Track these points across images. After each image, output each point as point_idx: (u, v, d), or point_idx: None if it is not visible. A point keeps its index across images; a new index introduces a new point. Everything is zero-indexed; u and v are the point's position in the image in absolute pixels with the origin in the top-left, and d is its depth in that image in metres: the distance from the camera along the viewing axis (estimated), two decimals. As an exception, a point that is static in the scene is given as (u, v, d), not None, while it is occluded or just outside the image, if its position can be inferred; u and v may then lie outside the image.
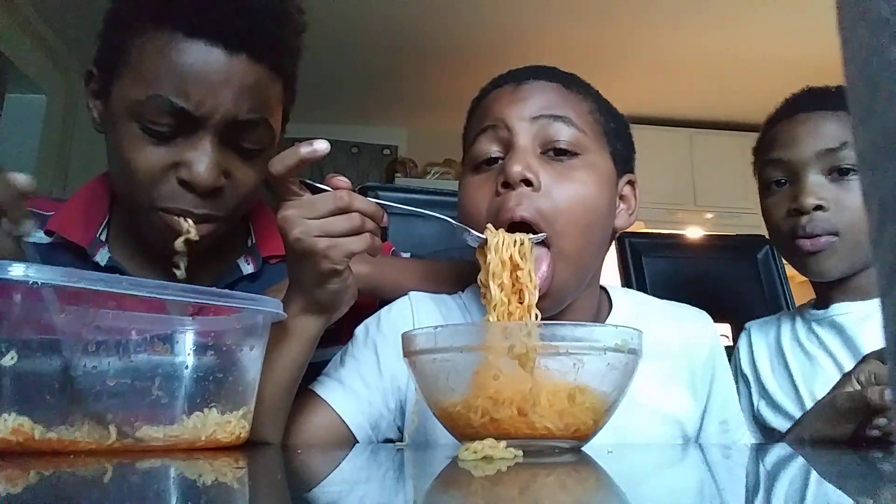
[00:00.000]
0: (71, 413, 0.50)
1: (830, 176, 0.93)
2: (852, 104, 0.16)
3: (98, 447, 0.51)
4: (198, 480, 0.43)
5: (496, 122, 0.74)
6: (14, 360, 0.48)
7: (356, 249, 0.63)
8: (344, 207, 0.62)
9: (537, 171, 0.70)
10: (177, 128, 0.72)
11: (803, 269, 0.98)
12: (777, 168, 0.98)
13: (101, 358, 0.53)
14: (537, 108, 0.73)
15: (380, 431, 0.76)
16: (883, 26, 0.14)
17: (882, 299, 0.15)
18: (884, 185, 0.15)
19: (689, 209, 4.08)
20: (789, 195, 0.96)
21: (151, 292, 0.52)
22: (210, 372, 0.58)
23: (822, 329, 0.99)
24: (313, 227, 0.62)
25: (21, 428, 0.47)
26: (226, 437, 0.58)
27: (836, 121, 0.94)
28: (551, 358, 0.54)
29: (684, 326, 0.82)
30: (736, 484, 0.46)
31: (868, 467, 0.54)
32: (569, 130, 0.72)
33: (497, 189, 0.71)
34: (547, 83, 0.76)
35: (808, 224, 0.93)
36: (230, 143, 0.74)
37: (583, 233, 0.71)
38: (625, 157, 0.80)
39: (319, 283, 0.65)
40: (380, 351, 0.76)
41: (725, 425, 0.82)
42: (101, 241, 0.82)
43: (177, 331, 0.57)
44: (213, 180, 0.72)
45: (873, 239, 0.16)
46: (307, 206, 0.62)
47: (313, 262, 0.63)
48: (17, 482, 0.38)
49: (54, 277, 0.48)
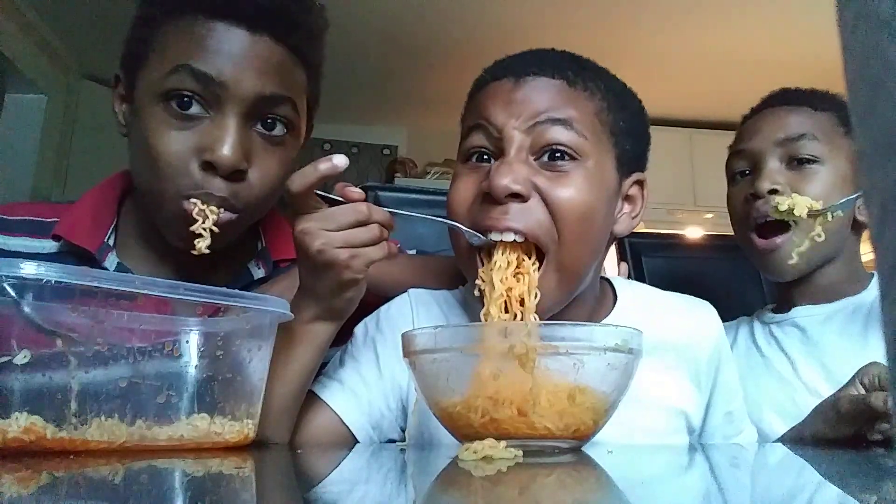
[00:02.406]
0: (82, 413, 0.51)
1: (789, 165, 0.96)
2: (852, 104, 0.16)
3: (109, 447, 0.52)
4: (200, 480, 0.43)
5: (488, 123, 0.70)
6: (27, 359, 0.49)
7: (376, 258, 0.64)
8: (364, 220, 0.63)
9: (526, 181, 0.67)
10: (201, 102, 0.71)
11: (761, 267, 1.00)
12: (741, 158, 1.01)
13: (111, 358, 0.53)
14: (535, 112, 0.68)
15: (382, 432, 0.76)
16: (883, 26, 0.14)
17: (882, 299, 0.15)
18: (884, 185, 0.15)
19: (688, 209, 4.08)
20: (749, 183, 0.98)
21: (163, 291, 0.53)
22: (218, 372, 0.59)
23: (781, 332, 1.00)
24: (336, 239, 0.62)
25: (34, 427, 0.48)
26: (233, 436, 0.59)
27: (798, 114, 0.97)
28: (551, 358, 0.54)
29: (689, 318, 0.81)
30: (736, 483, 0.46)
31: (871, 467, 0.54)
32: (568, 135, 0.68)
33: (481, 193, 0.69)
34: (549, 80, 0.70)
35: (762, 206, 0.94)
36: (254, 127, 0.74)
37: (576, 243, 0.68)
38: (635, 156, 0.75)
39: (338, 293, 0.65)
40: (379, 350, 0.76)
41: (730, 417, 0.81)
42: (109, 245, 0.81)
43: (184, 331, 0.58)
44: (236, 160, 0.71)
45: (873, 239, 0.16)
46: (328, 218, 0.63)
47: (335, 273, 0.63)
48: (30, 483, 0.38)
49: (66, 275, 0.48)
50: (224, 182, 0.72)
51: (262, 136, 0.75)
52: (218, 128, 0.72)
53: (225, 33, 0.71)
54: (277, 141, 0.76)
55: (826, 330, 0.95)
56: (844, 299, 0.97)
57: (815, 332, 0.96)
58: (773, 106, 1.01)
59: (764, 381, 0.96)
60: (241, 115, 0.73)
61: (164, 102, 0.71)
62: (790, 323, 0.99)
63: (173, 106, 0.71)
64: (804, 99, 0.99)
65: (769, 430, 0.90)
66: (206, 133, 0.72)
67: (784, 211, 0.90)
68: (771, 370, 0.97)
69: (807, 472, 0.53)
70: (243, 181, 0.74)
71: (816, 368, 0.94)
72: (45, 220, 0.81)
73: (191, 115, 0.72)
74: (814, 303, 0.98)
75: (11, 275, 0.47)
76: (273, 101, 0.74)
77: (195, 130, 0.72)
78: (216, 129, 0.71)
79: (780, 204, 0.90)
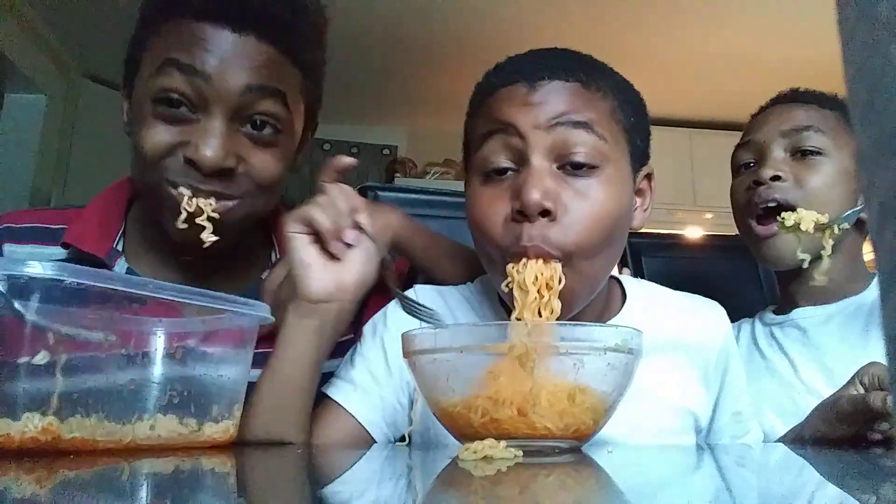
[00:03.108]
0: (91, 413, 0.52)
1: (793, 156, 0.96)
2: (852, 104, 0.16)
3: (116, 446, 0.53)
4: (197, 480, 0.43)
5: (507, 127, 0.68)
6: (45, 359, 0.49)
7: (325, 229, 0.69)
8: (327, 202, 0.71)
9: (555, 196, 0.65)
10: (188, 104, 0.72)
11: (759, 256, 1.00)
12: (747, 150, 1.02)
13: (116, 360, 0.55)
14: (554, 114, 0.67)
15: (396, 428, 0.76)
16: (883, 26, 0.14)
17: (882, 299, 0.15)
18: (884, 185, 0.15)
19: (688, 209, 4.08)
20: (754, 173, 0.98)
21: (170, 295, 0.55)
22: (200, 371, 0.60)
23: (782, 333, 1.00)
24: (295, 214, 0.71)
25: (50, 427, 0.49)
26: (219, 435, 0.60)
27: (805, 109, 0.98)
28: (551, 358, 0.54)
29: (698, 318, 0.81)
30: (736, 483, 0.45)
31: (871, 467, 0.54)
32: (589, 139, 0.67)
33: (512, 214, 0.66)
34: (564, 84, 0.68)
35: (763, 191, 0.95)
36: (243, 128, 0.75)
37: (601, 250, 0.68)
38: (643, 150, 0.75)
39: (296, 273, 0.70)
40: (387, 347, 0.76)
41: (738, 417, 0.81)
42: (118, 251, 0.81)
43: (159, 332, 0.59)
44: (218, 160, 0.72)
45: (874, 239, 0.16)
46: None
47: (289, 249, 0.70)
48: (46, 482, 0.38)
49: (78, 275, 0.49)
50: (208, 178, 0.73)
51: (251, 137, 0.75)
52: (203, 129, 0.72)
53: (211, 33, 0.73)
54: (267, 141, 0.76)
55: (826, 330, 0.95)
56: (845, 299, 0.97)
57: (815, 333, 0.96)
58: (781, 103, 1.02)
59: (765, 382, 0.97)
60: (228, 116, 0.73)
61: (155, 103, 0.73)
62: (791, 324, 0.99)
63: (163, 107, 0.72)
64: (812, 97, 1.01)
65: (770, 430, 0.90)
66: (192, 131, 0.73)
67: (791, 226, 0.89)
68: (771, 371, 0.97)
69: (807, 471, 0.53)
70: (233, 178, 0.74)
71: (817, 369, 0.94)
72: (52, 227, 0.82)
73: (179, 117, 0.73)
74: (815, 303, 0.98)
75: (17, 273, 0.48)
76: (261, 94, 0.74)
77: (182, 130, 0.73)
78: (201, 131, 0.72)
79: (787, 219, 0.89)
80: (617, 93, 0.71)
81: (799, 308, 0.99)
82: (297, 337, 0.70)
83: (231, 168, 0.73)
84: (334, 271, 0.70)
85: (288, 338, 0.70)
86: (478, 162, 0.70)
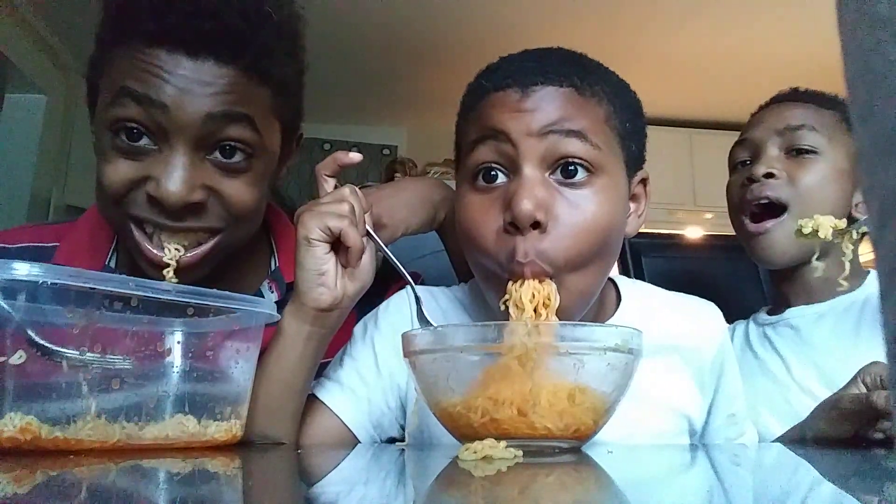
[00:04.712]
0: (76, 413, 0.51)
1: (788, 154, 0.97)
2: (852, 104, 0.16)
3: (101, 446, 0.52)
4: (197, 480, 0.43)
5: (498, 134, 0.66)
6: (22, 359, 0.49)
7: (332, 225, 0.66)
8: (339, 197, 0.69)
9: (546, 206, 0.63)
10: (148, 134, 0.68)
11: (752, 253, 1.00)
12: (743, 148, 1.03)
13: (103, 358, 0.54)
14: (547, 122, 0.65)
15: (382, 430, 0.76)
16: (883, 26, 0.14)
17: (882, 299, 0.15)
18: (884, 185, 0.15)
19: (688, 209, 4.09)
20: (748, 170, 0.99)
21: (154, 293, 0.54)
22: (207, 372, 0.60)
23: (775, 332, 1.00)
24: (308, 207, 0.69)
25: (29, 427, 0.48)
26: (222, 435, 0.60)
27: (802, 108, 0.99)
28: (551, 358, 0.54)
29: (694, 320, 0.81)
30: (736, 483, 0.45)
31: (871, 467, 0.54)
32: (582, 147, 0.65)
33: (504, 226, 0.65)
34: (557, 89, 0.66)
35: (756, 188, 0.95)
36: (210, 156, 0.70)
37: (590, 262, 0.66)
38: (637, 154, 0.73)
39: (300, 265, 0.67)
40: (378, 349, 0.76)
41: (733, 419, 0.81)
42: (111, 268, 0.80)
43: (171, 332, 0.59)
44: (182, 195, 0.67)
45: (873, 239, 0.16)
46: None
47: (298, 236, 0.68)
48: (25, 482, 0.38)
49: (60, 276, 0.49)
50: (179, 214, 0.68)
51: (220, 166, 0.70)
52: (165, 161, 0.68)
53: (166, 59, 0.67)
54: (238, 168, 0.71)
55: (818, 329, 0.95)
56: (838, 297, 0.97)
57: (807, 332, 0.96)
58: (779, 101, 1.03)
59: (759, 382, 0.97)
60: (192, 146, 0.68)
61: (113, 133, 0.68)
62: (784, 323, 0.99)
63: (122, 138, 0.68)
64: (811, 97, 1.01)
65: (765, 430, 0.91)
66: (153, 166, 0.68)
67: (808, 234, 0.86)
68: (765, 371, 0.98)
69: (807, 471, 0.53)
70: (204, 211, 0.70)
71: (809, 368, 0.94)
72: (45, 246, 0.81)
73: (139, 149, 0.68)
74: (808, 302, 0.98)
75: (4, 277, 0.48)
76: (225, 121, 0.69)
77: (144, 164, 0.68)
78: (163, 163, 0.68)
79: (804, 227, 0.86)
80: (612, 97, 0.70)
81: (791, 307, 1.00)
82: (297, 343, 0.68)
83: (200, 202, 0.69)
84: (344, 280, 0.69)
85: (287, 343, 0.68)
86: (469, 167, 0.69)
